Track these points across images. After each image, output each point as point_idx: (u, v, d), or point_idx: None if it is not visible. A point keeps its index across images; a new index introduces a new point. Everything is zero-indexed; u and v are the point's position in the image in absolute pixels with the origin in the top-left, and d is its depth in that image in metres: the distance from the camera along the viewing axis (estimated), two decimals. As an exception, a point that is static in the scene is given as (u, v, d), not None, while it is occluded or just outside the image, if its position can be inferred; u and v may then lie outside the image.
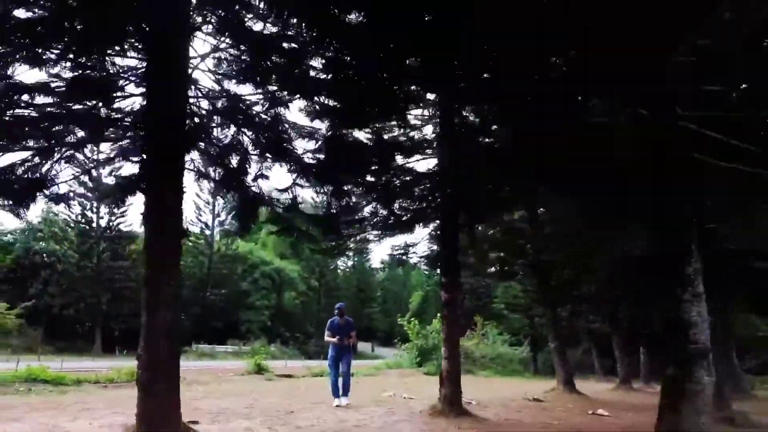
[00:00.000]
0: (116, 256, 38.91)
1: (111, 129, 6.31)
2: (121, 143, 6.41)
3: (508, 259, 13.66)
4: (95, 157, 7.01)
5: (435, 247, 11.59)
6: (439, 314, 15.31)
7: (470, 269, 15.11)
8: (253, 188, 6.96)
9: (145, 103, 5.77)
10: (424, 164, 20.57)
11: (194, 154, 6.51)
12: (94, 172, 12.00)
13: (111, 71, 5.60)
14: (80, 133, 6.02)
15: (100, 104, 5.76)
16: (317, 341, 52.08)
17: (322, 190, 7.20)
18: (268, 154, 6.75)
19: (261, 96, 6.48)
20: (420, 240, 11.99)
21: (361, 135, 7.71)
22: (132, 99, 6.02)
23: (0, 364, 15.78)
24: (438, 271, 11.12)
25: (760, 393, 17.47)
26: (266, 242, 54.58)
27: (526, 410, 10.71)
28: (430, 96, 8.60)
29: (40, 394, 10.55)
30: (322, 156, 7.06)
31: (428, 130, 9.38)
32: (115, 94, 5.85)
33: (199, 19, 5.79)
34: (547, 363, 31.43)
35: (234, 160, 6.85)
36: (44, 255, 37.73)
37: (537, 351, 31.28)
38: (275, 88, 6.36)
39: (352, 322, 10.27)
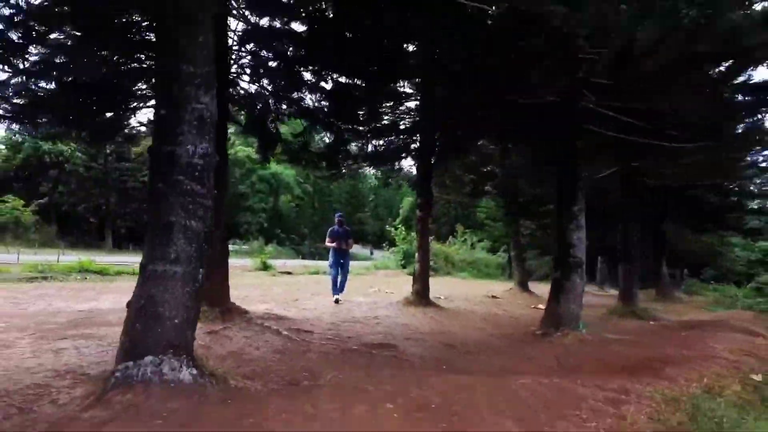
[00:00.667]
0: (122, 158, 40.51)
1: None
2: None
3: (478, 181, 15.99)
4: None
5: (414, 172, 13.86)
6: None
7: (447, 188, 17.37)
8: (272, 129, 9.07)
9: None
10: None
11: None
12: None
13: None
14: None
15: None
16: (311, 242, 55.67)
17: (326, 134, 9.34)
18: (284, 105, 8.81)
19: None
20: (404, 167, 14.23)
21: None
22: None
23: (40, 257, 18.38)
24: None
25: (696, 298, 20.60)
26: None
27: (481, 304, 13.50)
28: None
29: (96, 282, 13.19)
30: (326, 106, 9.10)
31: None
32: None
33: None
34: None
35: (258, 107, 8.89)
36: (52, 155, 39.43)
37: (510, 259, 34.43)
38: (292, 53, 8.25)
39: (350, 231, 12.14)
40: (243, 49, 7.84)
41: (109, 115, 7.80)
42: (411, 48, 8.00)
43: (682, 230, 19.30)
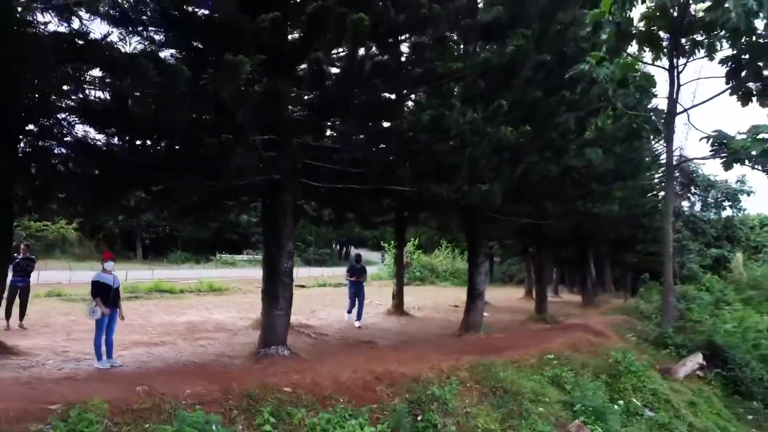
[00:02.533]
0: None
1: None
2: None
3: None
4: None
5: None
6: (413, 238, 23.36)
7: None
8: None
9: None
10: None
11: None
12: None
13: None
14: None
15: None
16: (314, 249, 61.23)
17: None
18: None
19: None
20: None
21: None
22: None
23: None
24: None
25: (615, 302, 26.26)
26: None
27: (443, 312, 19.03)
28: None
29: (169, 299, 18.72)
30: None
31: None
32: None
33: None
34: (498, 275, 40.44)
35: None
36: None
37: (492, 265, 40.00)
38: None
39: (365, 267, 15.28)
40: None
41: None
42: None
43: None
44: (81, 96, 7.10)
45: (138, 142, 7.94)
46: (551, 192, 12.98)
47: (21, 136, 7.83)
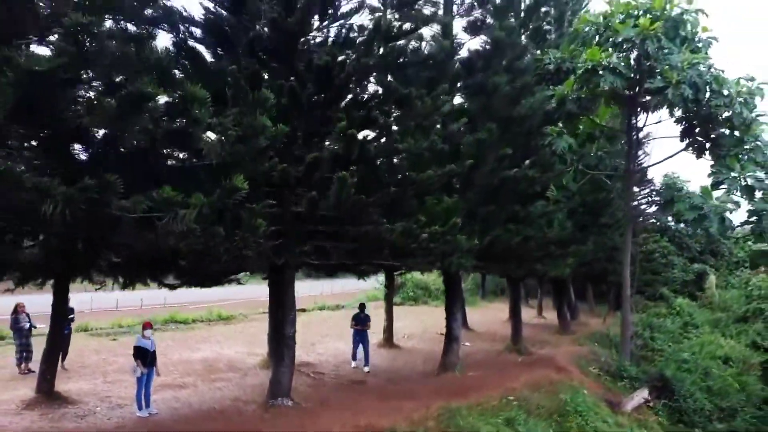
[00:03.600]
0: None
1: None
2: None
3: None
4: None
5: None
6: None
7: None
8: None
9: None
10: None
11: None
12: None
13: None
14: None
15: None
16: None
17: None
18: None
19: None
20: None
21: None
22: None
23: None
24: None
25: (592, 322, 28.40)
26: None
27: (429, 342, 21.08)
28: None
29: (184, 331, 20.81)
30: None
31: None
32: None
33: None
34: (491, 286, 42.41)
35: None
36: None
37: (484, 278, 41.79)
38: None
39: (369, 316, 16.27)
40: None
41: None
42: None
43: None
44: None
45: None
46: (514, 256, 14.99)
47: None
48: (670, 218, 47.48)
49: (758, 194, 14.98)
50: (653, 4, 16.13)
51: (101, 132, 7.80)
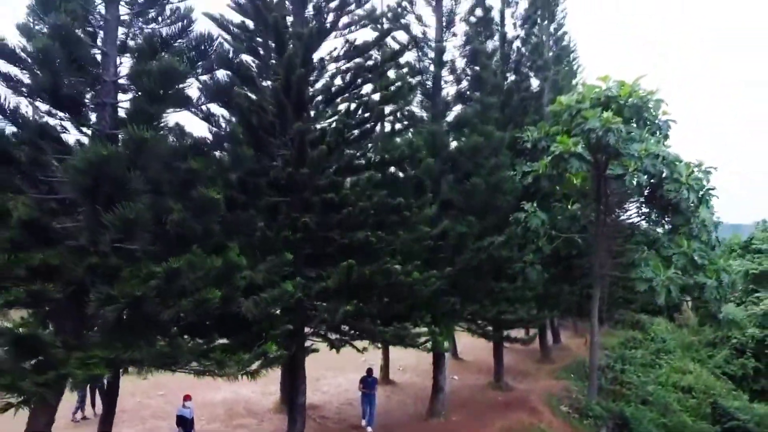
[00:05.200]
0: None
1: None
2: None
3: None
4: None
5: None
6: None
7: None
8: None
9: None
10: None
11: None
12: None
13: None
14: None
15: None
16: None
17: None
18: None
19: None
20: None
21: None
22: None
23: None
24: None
25: (574, 344, 30.88)
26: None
27: (423, 375, 23.53)
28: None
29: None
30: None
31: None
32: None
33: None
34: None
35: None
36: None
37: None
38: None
39: (376, 379, 17.23)
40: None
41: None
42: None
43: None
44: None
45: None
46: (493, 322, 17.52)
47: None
48: (660, 229, 50.63)
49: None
50: (620, 92, 18.41)
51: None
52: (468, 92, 16.83)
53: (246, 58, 12.71)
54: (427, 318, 15.83)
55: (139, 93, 8.36)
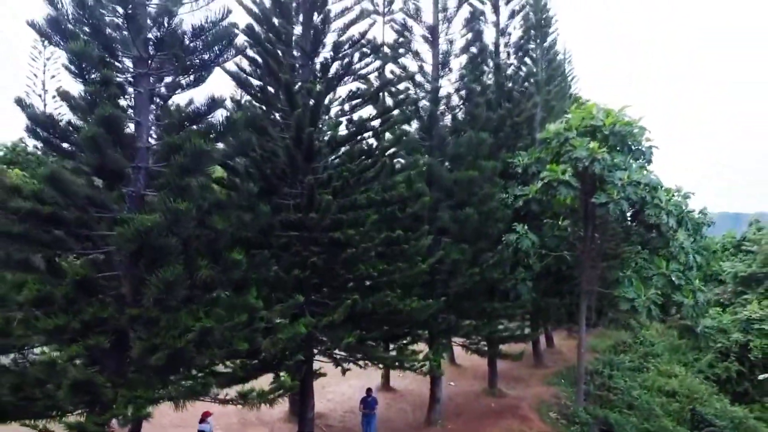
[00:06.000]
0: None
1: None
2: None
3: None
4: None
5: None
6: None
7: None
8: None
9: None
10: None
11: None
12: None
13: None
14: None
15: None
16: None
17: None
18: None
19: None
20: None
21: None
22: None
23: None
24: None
25: (565, 350, 32.31)
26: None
27: (424, 383, 25.00)
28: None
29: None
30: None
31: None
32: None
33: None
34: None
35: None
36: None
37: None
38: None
39: (376, 399, 17.87)
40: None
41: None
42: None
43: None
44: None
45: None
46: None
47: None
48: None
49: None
50: (605, 121, 19.68)
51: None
52: (462, 127, 18.06)
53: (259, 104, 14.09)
54: (425, 335, 17.33)
55: (171, 167, 9.66)
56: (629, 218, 19.77)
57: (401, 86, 17.69)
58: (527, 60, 23.57)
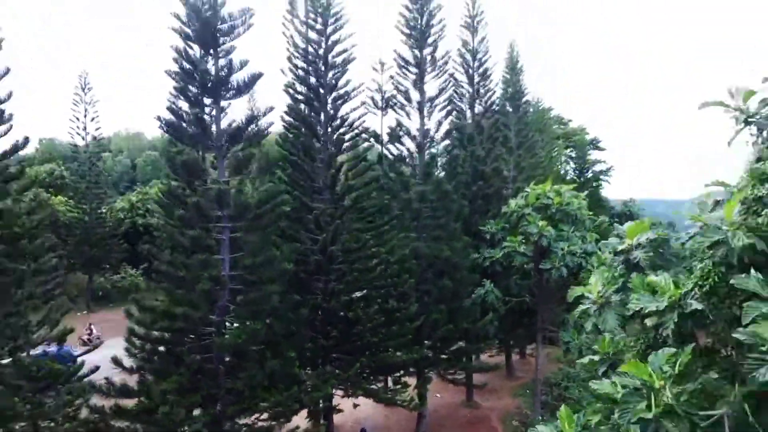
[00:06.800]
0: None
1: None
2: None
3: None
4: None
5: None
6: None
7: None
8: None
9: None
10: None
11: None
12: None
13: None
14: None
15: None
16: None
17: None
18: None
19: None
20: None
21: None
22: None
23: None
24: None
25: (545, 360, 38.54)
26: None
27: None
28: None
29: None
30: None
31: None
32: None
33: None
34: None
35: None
36: (143, 227, 54.42)
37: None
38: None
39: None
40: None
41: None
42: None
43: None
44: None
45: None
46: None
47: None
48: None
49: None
50: (554, 200, 25.53)
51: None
52: (440, 215, 24.06)
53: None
54: (412, 370, 23.43)
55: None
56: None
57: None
58: (498, 135, 29.50)
